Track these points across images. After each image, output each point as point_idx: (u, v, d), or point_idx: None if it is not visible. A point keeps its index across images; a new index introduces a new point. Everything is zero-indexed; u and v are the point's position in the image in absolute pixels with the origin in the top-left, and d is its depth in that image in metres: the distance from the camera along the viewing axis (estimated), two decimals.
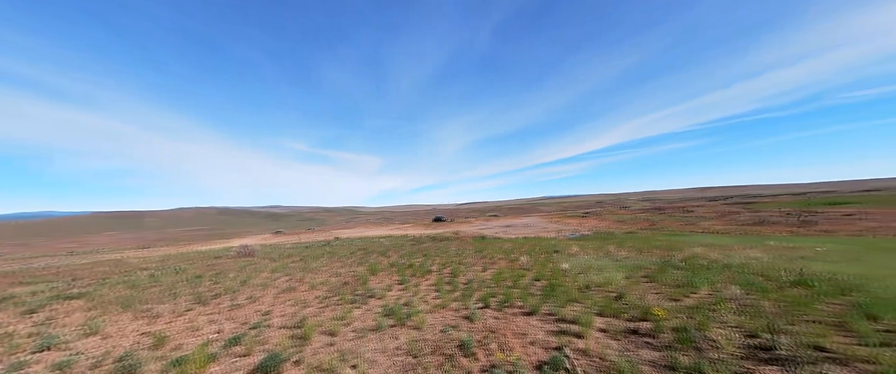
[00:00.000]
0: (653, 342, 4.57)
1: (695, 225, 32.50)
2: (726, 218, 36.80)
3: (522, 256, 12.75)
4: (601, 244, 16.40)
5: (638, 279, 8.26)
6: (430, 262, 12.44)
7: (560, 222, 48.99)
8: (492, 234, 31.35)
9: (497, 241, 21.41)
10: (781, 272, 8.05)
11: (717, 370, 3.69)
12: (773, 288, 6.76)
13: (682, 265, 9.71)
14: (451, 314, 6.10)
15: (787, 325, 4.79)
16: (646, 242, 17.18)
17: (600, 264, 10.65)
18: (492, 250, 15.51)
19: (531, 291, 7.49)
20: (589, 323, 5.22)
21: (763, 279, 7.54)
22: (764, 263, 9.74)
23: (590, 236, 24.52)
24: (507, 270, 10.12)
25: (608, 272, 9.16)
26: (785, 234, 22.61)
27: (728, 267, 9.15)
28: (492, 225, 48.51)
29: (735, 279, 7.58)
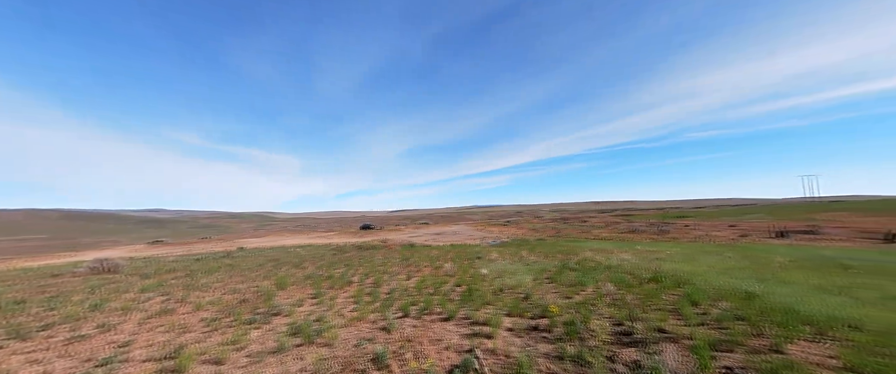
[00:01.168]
0: (548, 335, 5.15)
1: (589, 233, 37.91)
2: (610, 227, 43.95)
3: (447, 263, 13.08)
4: (516, 250, 17.90)
5: (542, 281, 9.25)
6: (352, 272, 11.76)
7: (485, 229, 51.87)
8: (421, 242, 31.43)
9: (425, 249, 21.54)
10: (642, 271, 9.97)
11: (593, 355, 4.34)
12: (636, 284, 8.32)
13: (576, 267, 11.22)
14: (369, 326, 5.86)
15: (642, 313, 5.94)
16: (552, 247, 19.39)
17: (514, 268, 11.60)
18: (419, 258, 15.52)
19: (451, 297, 7.71)
20: (498, 324, 5.62)
21: (630, 277, 9.21)
22: (632, 263, 11.92)
23: (508, 243, 26.52)
24: (430, 277, 10.23)
25: (519, 276, 10.04)
26: (648, 240, 28.02)
27: (608, 268, 10.92)
28: (422, 233, 48.65)
29: (611, 278, 9.08)
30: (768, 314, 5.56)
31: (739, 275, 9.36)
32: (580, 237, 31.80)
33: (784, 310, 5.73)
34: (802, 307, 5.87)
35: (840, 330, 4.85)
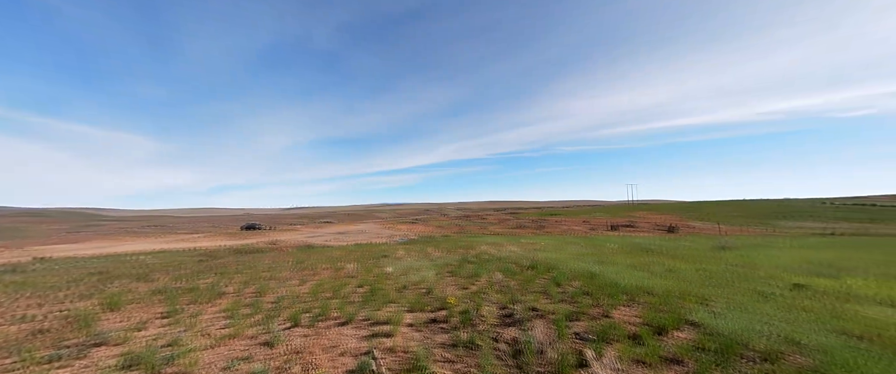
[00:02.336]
0: (445, 326, 5.42)
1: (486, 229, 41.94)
2: (503, 224, 49.73)
3: (350, 263, 12.35)
4: (423, 247, 18.32)
5: (444, 275, 9.71)
6: (227, 282, 9.75)
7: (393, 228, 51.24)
8: (321, 242, 28.82)
9: (326, 249, 19.82)
10: (524, 260, 11.62)
11: (482, 338, 4.79)
12: (519, 271, 9.63)
13: (474, 260, 12.23)
14: (245, 343, 4.96)
15: (522, 296, 6.90)
16: (455, 243, 20.62)
17: (419, 264, 11.81)
18: (316, 259, 14.16)
19: (352, 299, 7.29)
20: (399, 321, 5.60)
21: (514, 266, 10.59)
22: (517, 254, 13.76)
23: (416, 241, 26.89)
24: (330, 280, 9.45)
25: (424, 272, 10.28)
26: (530, 234, 32.84)
27: (499, 259, 12.29)
28: (323, 232, 44.69)
29: (500, 268, 10.26)
30: (603, 288, 7.24)
31: (588, 260, 11.91)
32: (479, 233, 34.86)
33: (612, 284, 7.55)
34: (622, 281, 7.86)
35: (642, 296, 6.68)
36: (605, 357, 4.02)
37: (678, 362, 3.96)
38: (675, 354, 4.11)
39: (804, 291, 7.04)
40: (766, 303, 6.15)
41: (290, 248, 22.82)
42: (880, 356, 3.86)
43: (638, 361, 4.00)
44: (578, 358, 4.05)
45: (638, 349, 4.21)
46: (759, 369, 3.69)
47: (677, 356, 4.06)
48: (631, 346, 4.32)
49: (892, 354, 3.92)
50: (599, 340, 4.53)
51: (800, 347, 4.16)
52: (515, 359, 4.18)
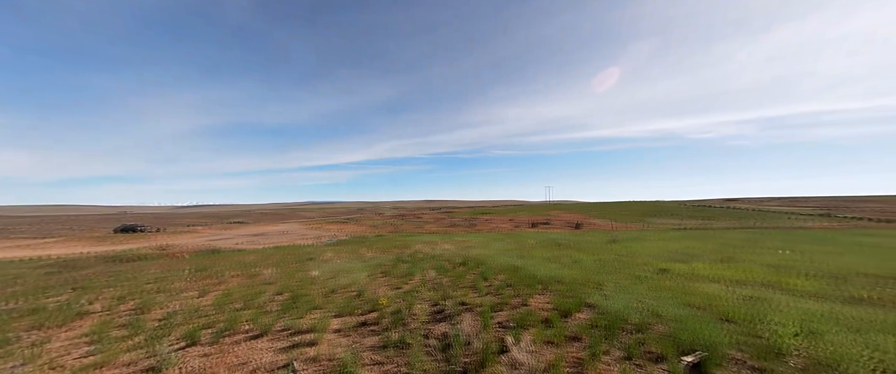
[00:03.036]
0: (376, 328, 5.27)
1: (422, 228, 42.18)
2: (438, 222, 50.70)
3: (268, 269, 11.01)
4: (355, 248, 17.45)
5: (377, 276, 9.42)
6: (91, 298, 7.79)
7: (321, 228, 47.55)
8: (231, 246, 25.15)
9: (237, 254, 17.31)
10: (456, 257, 12.06)
11: (413, 336, 4.80)
12: (451, 268, 9.96)
13: (408, 259, 12.17)
14: (118, 372, 4.02)
15: (453, 292, 7.15)
16: (389, 243, 20.19)
17: (350, 266, 11.22)
18: (224, 266, 12.25)
19: (268, 308, 6.52)
20: (325, 328, 5.24)
21: (447, 263, 10.92)
22: (450, 252, 14.20)
23: (347, 241, 25.45)
24: (241, 289, 8.28)
25: (355, 273, 9.80)
26: (463, 232, 34.21)
27: (432, 257, 12.50)
28: (233, 234, 39.03)
29: (434, 266, 10.45)
30: (524, 280, 7.99)
31: (512, 255, 12.99)
32: (415, 233, 34.83)
33: (531, 276, 8.39)
34: (539, 273, 8.80)
35: (553, 285, 7.59)
36: (522, 342, 4.45)
37: (578, 339, 4.62)
38: (576, 332, 4.79)
39: (666, 274, 8.93)
40: (640, 285, 7.60)
41: (188, 253, 19.24)
42: (710, 320, 5.16)
43: (548, 341, 4.53)
44: (500, 345, 4.39)
45: (548, 332, 4.77)
46: (633, 338, 4.55)
47: (578, 334, 4.73)
48: (543, 329, 4.88)
49: (716, 318, 5.27)
50: (518, 327, 4.99)
51: (661, 318, 5.28)
52: (444, 353, 4.31)
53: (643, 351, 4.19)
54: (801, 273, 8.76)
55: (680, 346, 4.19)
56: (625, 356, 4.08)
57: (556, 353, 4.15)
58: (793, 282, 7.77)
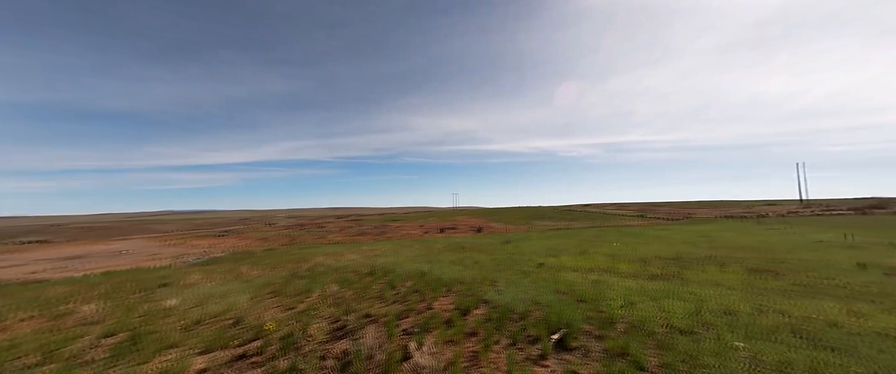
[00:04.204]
0: (259, 359, 4.50)
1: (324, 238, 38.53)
2: (344, 231, 47.36)
3: (89, 304, 7.99)
4: (234, 266, 14.54)
5: (263, 297, 8.07)
6: None
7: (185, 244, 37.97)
8: (22, 276, 17.63)
9: (31, 288, 12.04)
10: (363, 267, 11.50)
11: (307, 360, 4.31)
12: (357, 280, 9.42)
13: (306, 274, 10.88)
14: None
15: (357, 305, 6.78)
16: (282, 257, 17.63)
17: (226, 289, 9.27)
18: (3, 306, 8.30)
19: (88, 357, 4.75)
20: (185, 369, 4.17)
21: (353, 275, 10.29)
22: (357, 262, 13.43)
23: (222, 259, 21.02)
24: (35, 335, 5.76)
25: (233, 297, 8.15)
26: (372, 240, 32.92)
27: (336, 269, 11.56)
28: (27, 259, 27.52)
29: (337, 279, 9.68)
30: (430, 284, 8.24)
31: (420, 260, 13.23)
32: (316, 244, 31.54)
33: (437, 280, 8.73)
34: (444, 276, 9.24)
35: (456, 286, 8.09)
36: (425, 345, 4.56)
37: (475, 334, 5.04)
38: (474, 328, 5.22)
39: (543, 267, 10.70)
40: (525, 278, 8.88)
41: None
42: (571, 302, 6.43)
43: (449, 341, 4.79)
44: (403, 353, 4.39)
45: (449, 331, 5.05)
46: (518, 325, 5.27)
47: (475, 330, 5.16)
48: (445, 330, 5.13)
49: (575, 301, 6.60)
50: (422, 331, 5.10)
51: (538, 305, 6.28)
52: (343, 372, 4.03)
53: (524, 335, 4.88)
54: (625, 260, 11.88)
55: (550, 327, 5.07)
56: (511, 343, 4.67)
57: (455, 351, 4.42)
58: (620, 267, 10.45)
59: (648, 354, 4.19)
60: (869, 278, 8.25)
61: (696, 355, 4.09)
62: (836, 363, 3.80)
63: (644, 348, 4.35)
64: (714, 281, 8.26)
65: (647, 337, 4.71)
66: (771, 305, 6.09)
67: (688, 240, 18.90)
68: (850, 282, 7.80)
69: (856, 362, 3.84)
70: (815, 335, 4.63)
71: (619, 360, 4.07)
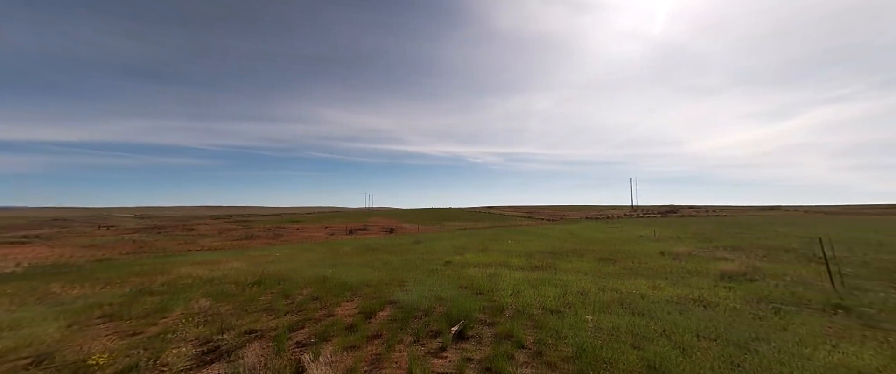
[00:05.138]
0: None
1: (194, 243, 31.17)
2: (224, 234, 39.40)
3: None
4: (40, 285, 10.29)
5: (90, 323, 5.98)
6: None
7: None
8: None
9: None
10: (249, 276, 9.81)
11: None
12: (239, 291, 7.97)
13: (161, 290, 8.57)
14: None
15: (238, 320, 5.74)
16: (124, 270, 13.40)
17: (21, 316, 6.47)
18: None
19: None
20: None
21: (233, 286, 8.66)
22: (240, 271, 11.36)
23: (17, 275, 14.61)
24: None
25: (32, 327, 5.76)
26: (264, 245, 28.42)
27: (209, 281, 9.50)
28: None
29: (210, 292, 7.97)
30: (333, 289, 7.67)
31: (323, 264, 12.16)
32: (179, 251, 25.21)
33: (341, 284, 8.19)
34: (350, 279, 8.75)
35: (363, 289, 7.78)
36: (322, 356, 4.23)
37: (379, 336, 4.97)
38: (378, 330, 5.13)
39: (449, 265, 11.35)
40: (432, 277, 9.24)
41: None
42: (471, 295, 7.02)
43: (350, 347, 4.57)
44: (295, 367, 3.97)
45: (351, 337, 4.83)
46: (422, 322, 5.44)
47: (379, 332, 5.08)
48: (346, 336, 4.87)
49: (474, 294, 7.24)
50: (320, 340, 4.71)
51: (442, 301, 6.63)
52: None
53: (427, 331, 5.09)
54: (516, 255, 13.73)
55: (451, 320, 5.42)
56: (414, 340, 4.79)
57: (356, 356, 4.25)
58: (512, 261, 12.02)
59: (527, 333, 4.96)
60: (665, 261, 11.83)
61: (560, 329, 5.07)
62: (642, 324, 5.32)
63: (524, 329, 5.13)
64: (575, 269, 10.38)
65: (528, 319, 5.56)
66: (609, 285, 8.06)
67: (561, 237, 23.17)
68: (654, 265, 11.02)
69: (654, 322, 5.45)
70: (632, 305, 6.36)
71: (505, 342, 4.67)
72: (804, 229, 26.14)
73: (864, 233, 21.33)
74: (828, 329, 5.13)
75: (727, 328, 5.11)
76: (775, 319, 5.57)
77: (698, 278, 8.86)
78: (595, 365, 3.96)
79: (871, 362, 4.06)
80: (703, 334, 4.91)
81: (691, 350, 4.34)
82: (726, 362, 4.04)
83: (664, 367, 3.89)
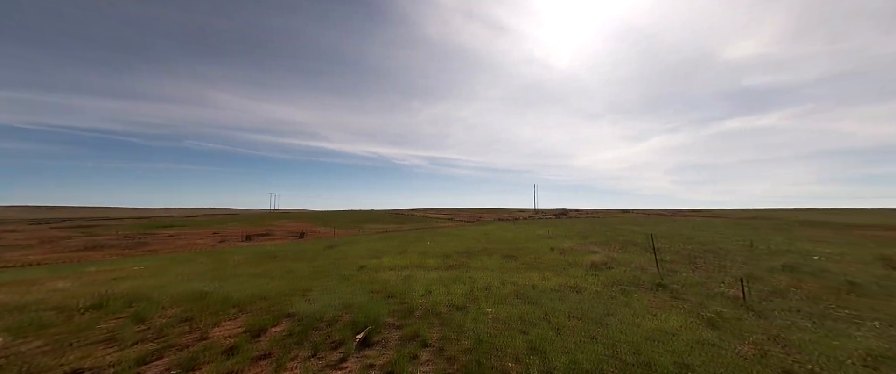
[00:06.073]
0: None
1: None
2: (51, 244, 29.11)
3: None
4: None
5: None
6: None
7: None
8: None
9: None
10: (82, 299, 7.37)
11: None
12: (62, 320, 5.91)
13: None
14: None
15: (54, 360, 4.24)
16: None
17: None
18: None
19: None
20: None
21: (56, 313, 6.38)
22: (69, 292, 8.45)
23: None
24: None
25: None
26: (116, 257, 21.97)
27: (19, 309, 6.77)
28: None
29: (12, 324, 5.70)
30: (211, 307, 6.41)
31: (202, 278, 10.08)
32: None
33: (224, 300, 6.92)
34: (238, 294, 7.48)
35: (255, 303, 6.75)
36: None
37: (268, 355, 4.38)
38: (267, 349, 4.52)
39: (364, 269, 10.88)
40: (343, 283, 8.69)
41: None
42: (382, 299, 6.87)
43: (227, 372, 3.89)
44: None
45: (229, 362, 4.12)
46: (324, 333, 5.05)
47: (268, 351, 4.48)
48: (221, 362, 4.13)
49: (386, 297, 7.09)
50: (183, 371, 3.87)
51: (350, 308, 6.29)
52: None
53: (329, 342, 4.74)
54: (433, 255, 14.12)
55: (357, 327, 5.19)
56: (311, 354, 4.39)
57: None
58: (428, 262, 12.30)
59: (433, 331, 5.12)
60: (554, 256, 13.91)
61: (463, 323, 5.41)
62: (530, 311, 6.12)
63: (431, 327, 5.28)
64: (484, 266, 11.29)
65: (436, 317, 5.75)
66: (509, 279, 9.02)
67: (476, 237, 24.89)
68: (546, 259, 12.84)
69: (539, 309, 6.32)
70: (525, 295, 7.25)
71: (411, 343, 4.72)
72: (646, 227, 34.47)
73: (679, 230, 29.40)
74: (652, 303, 6.85)
75: (590, 309, 6.32)
76: (622, 298, 7.16)
77: (575, 268, 10.71)
78: (488, 353, 4.35)
79: (675, 324, 5.60)
80: (574, 315, 5.94)
81: (564, 330, 5.20)
82: (586, 335, 4.97)
83: (542, 346, 4.55)
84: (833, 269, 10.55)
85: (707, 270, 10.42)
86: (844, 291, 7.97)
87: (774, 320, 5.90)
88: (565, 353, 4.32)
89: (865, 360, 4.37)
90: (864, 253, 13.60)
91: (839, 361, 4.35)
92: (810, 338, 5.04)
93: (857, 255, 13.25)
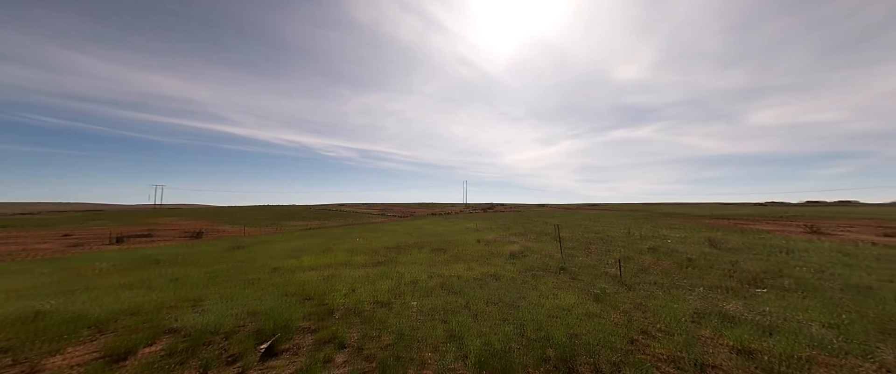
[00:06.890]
0: None
1: None
2: None
3: None
4: None
5: None
6: None
7: None
8: None
9: None
10: None
11: None
12: None
13: None
14: None
15: None
16: None
17: None
18: None
19: None
20: None
21: None
22: None
23: None
24: None
25: None
26: None
27: None
28: None
29: None
30: (49, 330, 4.87)
31: (41, 292, 7.61)
32: None
33: (73, 319, 5.34)
34: (95, 310, 5.86)
35: (121, 319, 5.39)
36: None
37: None
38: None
39: (277, 271, 9.75)
40: (249, 288, 7.62)
41: None
42: (296, 303, 6.25)
43: None
44: None
45: None
46: (217, 348, 4.34)
47: None
48: None
49: (301, 300, 6.49)
50: None
51: (256, 315, 5.55)
52: None
53: (223, 358, 4.09)
54: (362, 252, 13.53)
55: (262, 336, 4.61)
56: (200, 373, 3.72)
57: None
58: (356, 259, 11.74)
59: (353, 331, 4.89)
60: (479, 247, 14.82)
61: (386, 319, 5.32)
62: (453, 301, 6.39)
63: (351, 327, 5.04)
64: (413, 261, 11.33)
65: (357, 316, 5.51)
66: (437, 271, 9.25)
67: (407, 232, 24.81)
68: (472, 251, 13.59)
69: (461, 298, 6.64)
70: (449, 287, 7.53)
71: (326, 346, 4.41)
72: (555, 219, 39.58)
73: (580, 221, 34.61)
74: (555, 284, 7.88)
75: (506, 293, 6.92)
76: (532, 282, 8.05)
77: (497, 258, 11.61)
78: (409, 346, 4.37)
79: (570, 301, 6.53)
80: (491, 300, 6.42)
81: (481, 315, 5.57)
82: (500, 318, 5.43)
83: (460, 332, 4.79)
84: (679, 249, 13.85)
85: (597, 254, 12.51)
86: (685, 265, 10.54)
87: (639, 291, 7.43)
88: (480, 336, 4.64)
89: (693, 317, 5.86)
90: (698, 237, 18.23)
91: (678, 319, 5.72)
92: (661, 304, 6.52)
93: (694, 238, 17.68)
